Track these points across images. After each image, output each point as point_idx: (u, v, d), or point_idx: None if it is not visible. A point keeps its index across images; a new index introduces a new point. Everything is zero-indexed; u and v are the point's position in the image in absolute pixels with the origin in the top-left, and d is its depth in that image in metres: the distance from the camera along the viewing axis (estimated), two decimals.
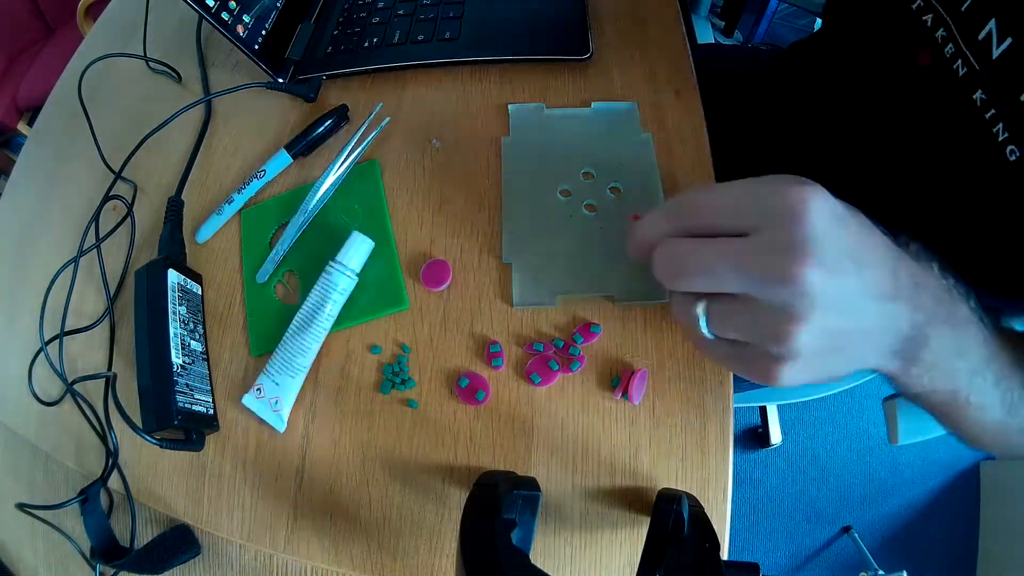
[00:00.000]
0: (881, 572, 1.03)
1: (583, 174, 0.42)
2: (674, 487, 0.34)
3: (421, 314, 0.39)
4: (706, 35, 1.59)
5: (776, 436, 1.21)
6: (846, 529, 1.18)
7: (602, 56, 0.47)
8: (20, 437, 0.43)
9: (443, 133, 0.45)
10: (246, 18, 0.47)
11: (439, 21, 0.49)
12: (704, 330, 0.26)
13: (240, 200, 0.45)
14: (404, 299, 0.39)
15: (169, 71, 0.54)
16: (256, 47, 0.47)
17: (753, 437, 1.25)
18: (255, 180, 0.45)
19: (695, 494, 0.33)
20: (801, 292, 0.22)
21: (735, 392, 0.36)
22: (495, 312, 0.38)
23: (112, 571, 0.36)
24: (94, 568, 0.38)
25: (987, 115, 0.33)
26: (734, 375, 0.36)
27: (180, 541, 0.37)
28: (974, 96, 0.34)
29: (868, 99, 0.47)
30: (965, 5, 0.34)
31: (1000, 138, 0.32)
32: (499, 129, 0.45)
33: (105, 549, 0.37)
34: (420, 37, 0.49)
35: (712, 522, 0.29)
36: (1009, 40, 0.31)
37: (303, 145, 0.45)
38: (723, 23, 1.64)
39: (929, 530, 1.18)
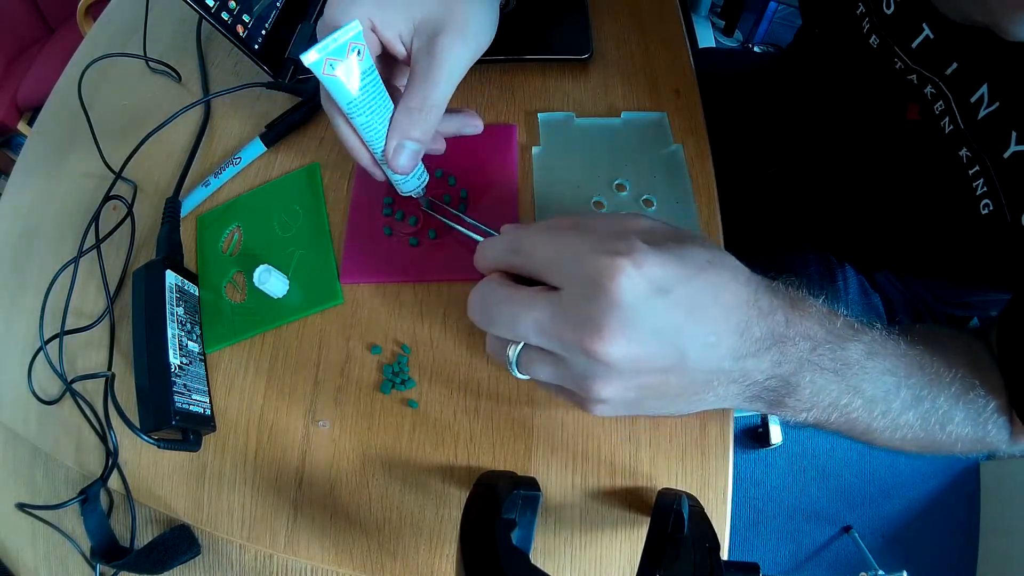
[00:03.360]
0: (881, 572, 1.03)
1: (615, 185, 0.41)
2: (674, 487, 0.34)
3: (421, 314, 0.39)
4: (706, 35, 1.59)
5: (776, 436, 1.21)
6: (846, 529, 1.18)
7: (602, 56, 0.47)
8: (20, 437, 0.43)
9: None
10: (246, 18, 0.47)
11: None
12: (515, 372, 0.27)
13: (216, 183, 0.46)
14: (339, 295, 0.40)
15: (169, 71, 0.54)
16: (256, 47, 0.47)
17: (753, 437, 1.25)
18: (231, 166, 0.47)
19: (695, 494, 0.33)
20: (599, 364, 0.23)
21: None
22: None
23: (112, 571, 0.36)
24: (94, 568, 0.38)
25: (971, 171, 0.34)
26: None
27: (180, 541, 0.37)
28: (960, 152, 0.35)
29: (853, 136, 0.48)
30: (951, 70, 0.34)
31: (978, 192, 0.34)
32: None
33: (105, 549, 0.37)
34: None
35: (712, 522, 0.29)
36: (997, 103, 0.31)
37: (273, 133, 0.47)
38: (723, 23, 1.64)
39: (929, 530, 1.18)
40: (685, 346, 0.23)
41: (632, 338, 0.22)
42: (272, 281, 0.39)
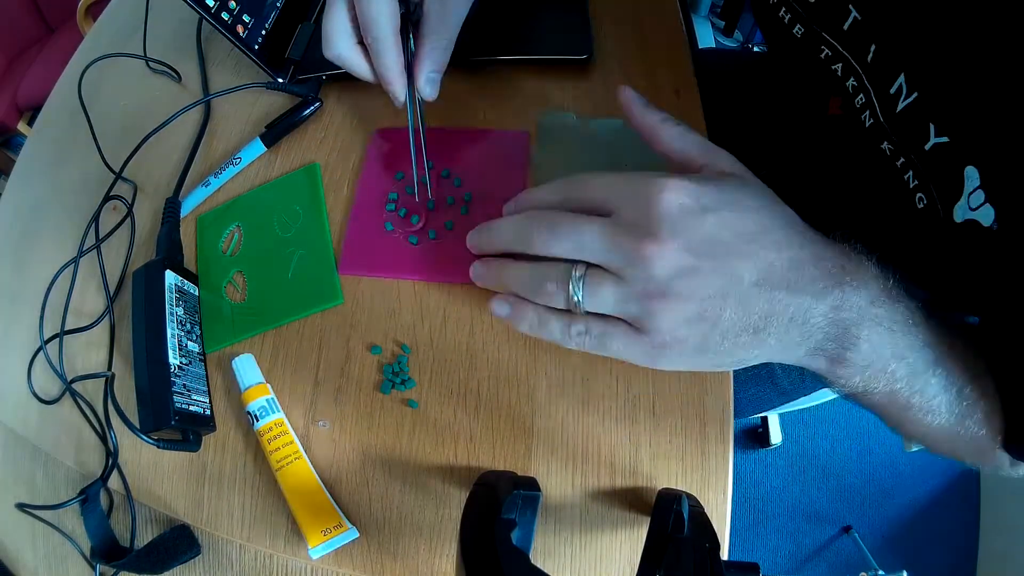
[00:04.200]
0: (881, 572, 1.03)
1: None
2: (674, 487, 0.34)
3: (421, 314, 0.39)
4: (706, 35, 1.58)
5: (776, 436, 1.21)
6: (846, 529, 1.18)
7: (602, 56, 0.47)
8: (20, 437, 0.43)
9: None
10: (246, 18, 0.47)
11: None
12: (579, 299, 0.26)
13: (216, 183, 0.46)
14: (339, 294, 0.40)
15: (169, 71, 0.54)
16: (256, 47, 0.47)
17: (753, 437, 1.25)
18: (231, 166, 0.46)
19: (695, 494, 0.33)
20: (654, 269, 0.24)
21: (736, 417, 0.35)
22: None
23: (112, 571, 0.36)
24: (94, 568, 0.38)
25: (897, 163, 0.33)
26: (734, 383, 0.36)
27: (180, 541, 0.37)
28: (882, 146, 0.34)
29: (785, 136, 0.47)
30: (870, 56, 0.33)
31: (911, 185, 0.32)
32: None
33: (105, 549, 0.37)
34: None
35: (712, 522, 0.29)
36: (915, 94, 0.30)
37: (273, 133, 0.47)
38: (723, 23, 1.64)
39: (929, 530, 1.18)
40: (736, 266, 0.24)
41: (684, 246, 0.24)
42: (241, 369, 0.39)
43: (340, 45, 0.37)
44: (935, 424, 0.29)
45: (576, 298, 0.27)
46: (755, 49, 1.62)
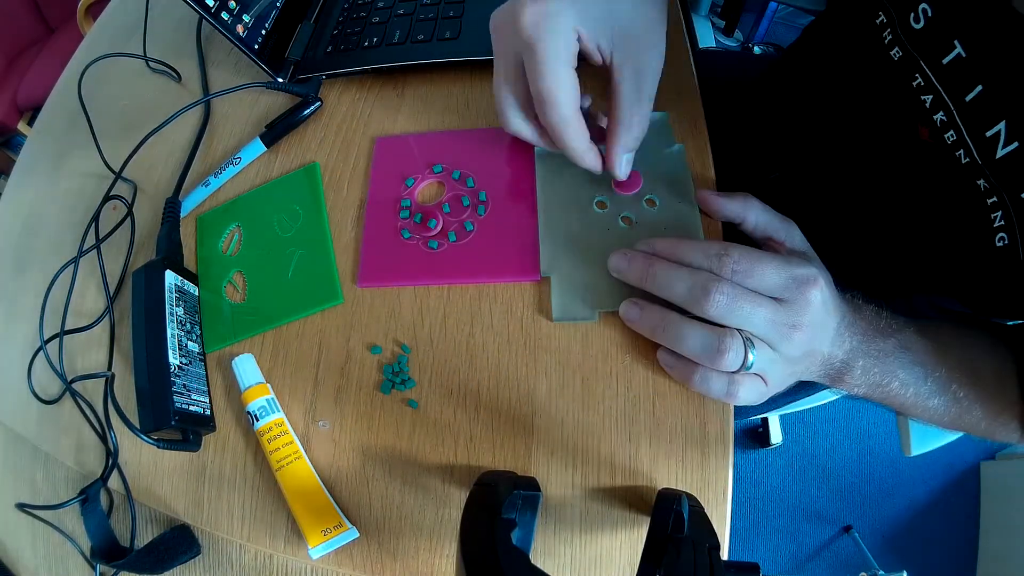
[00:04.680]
0: (881, 572, 1.03)
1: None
2: (674, 487, 0.34)
3: (421, 314, 0.39)
4: (706, 35, 1.59)
5: (776, 436, 1.21)
6: (846, 529, 1.18)
7: None
8: (20, 437, 0.43)
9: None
10: (246, 18, 0.47)
11: (439, 21, 0.49)
12: (752, 356, 0.32)
13: (216, 183, 0.46)
14: (339, 294, 0.40)
15: (169, 71, 0.54)
16: (256, 47, 0.47)
17: (753, 437, 1.25)
18: (231, 166, 0.46)
19: (695, 494, 0.33)
20: (791, 350, 0.32)
21: (735, 418, 0.36)
22: (496, 314, 0.38)
23: (112, 571, 0.36)
24: (94, 568, 0.38)
25: (989, 201, 0.34)
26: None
27: (180, 541, 0.37)
28: (978, 182, 0.34)
29: (863, 149, 0.47)
30: (971, 96, 0.33)
31: (995, 224, 0.34)
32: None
33: (105, 549, 0.37)
34: (420, 37, 0.49)
35: (712, 522, 0.29)
36: (1015, 144, 0.31)
37: (273, 133, 0.47)
38: (723, 23, 1.64)
39: (929, 530, 1.18)
40: (820, 337, 0.33)
41: (812, 333, 0.32)
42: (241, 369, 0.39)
43: (515, 123, 0.37)
44: (934, 418, 0.37)
45: (751, 363, 0.31)
46: (755, 49, 1.62)
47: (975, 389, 0.36)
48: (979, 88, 0.32)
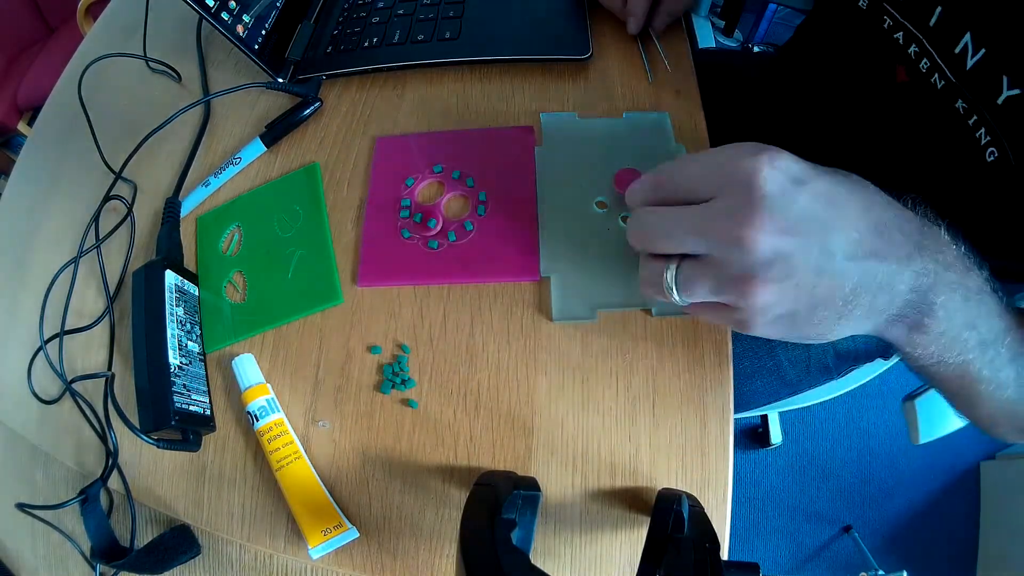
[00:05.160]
0: (881, 572, 1.03)
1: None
2: (674, 487, 0.34)
3: (422, 314, 0.39)
4: (706, 35, 1.58)
5: (776, 436, 1.21)
6: (846, 529, 1.18)
7: (602, 56, 0.47)
8: (20, 437, 0.43)
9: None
10: (246, 18, 0.47)
11: (439, 21, 0.49)
12: (676, 295, 0.27)
13: (216, 183, 0.46)
14: (339, 294, 0.40)
15: (169, 71, 0.54)
16: (256, 47, 0.47)
17: (753, 437, 1.25)
18: (231, 166, 0.46)
19: (695, 494, 0.33)
20: (753, 254, 0.24)
21: (742, 410, 0.36)
22: (496, 314, 0.38)
23: (112, 571, 0.36)
24: (94, 568, 0.38)
25: (970, 121, 0.34)
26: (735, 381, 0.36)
27: (180, 541, 0.37)
28: (956, 105, 0.35)
29: (853, 110, 0.48)
30: (933, 20, 0.35)
31: (982, 141, 0.34)
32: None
33: (105, 549, 0.37)
34: (420, 37, 0.49)
35: (712, 522, 0.29)
36: (983, 51, 0.32)
37: (273, 133, 0.47)
38: (723, 23, 1.64)
39: (929, 530, 1.18)
40: (830, 240, 0.24)
41: (779, 226, 0.23)
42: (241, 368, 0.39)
43: None
44: (1004, 399, 0.30)
45: (674, 298, 0.28)
46: (755, 49, 1.62)
47: None
48: (939, 10, 0.34)
